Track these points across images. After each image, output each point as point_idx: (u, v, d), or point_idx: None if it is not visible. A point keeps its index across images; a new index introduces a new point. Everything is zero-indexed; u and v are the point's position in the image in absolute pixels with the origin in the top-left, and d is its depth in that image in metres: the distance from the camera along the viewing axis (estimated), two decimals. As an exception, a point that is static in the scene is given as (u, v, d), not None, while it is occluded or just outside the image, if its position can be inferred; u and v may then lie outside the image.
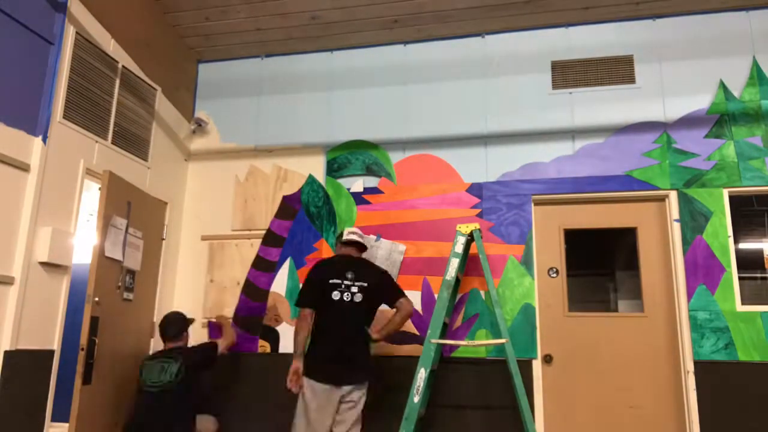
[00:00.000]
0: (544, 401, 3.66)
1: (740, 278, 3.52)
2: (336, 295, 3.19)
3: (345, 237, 3.41)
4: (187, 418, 3.41)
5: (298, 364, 3.12)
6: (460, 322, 3.82)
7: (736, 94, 3.76)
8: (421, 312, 3.87)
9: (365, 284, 3.24)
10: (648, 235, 3.80)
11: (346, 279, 3.23)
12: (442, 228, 3.97)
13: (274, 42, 4.46)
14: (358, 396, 3.18)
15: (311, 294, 3.22)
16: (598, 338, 3.71)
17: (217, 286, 4.28)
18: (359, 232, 3.48)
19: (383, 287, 3.31)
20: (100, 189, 3.49)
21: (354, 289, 3.21)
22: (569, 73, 4.05)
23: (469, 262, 3.84)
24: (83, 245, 5.85)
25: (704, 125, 3.76)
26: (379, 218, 4.09)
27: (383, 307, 3.33)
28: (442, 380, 3.74)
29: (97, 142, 3.54)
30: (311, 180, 4.30)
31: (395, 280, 3.51)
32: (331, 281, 3.21)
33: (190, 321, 3.77)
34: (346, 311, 3.18)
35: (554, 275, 3.86)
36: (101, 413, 3.39)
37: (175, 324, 3.63)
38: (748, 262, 3.56)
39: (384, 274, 3.41)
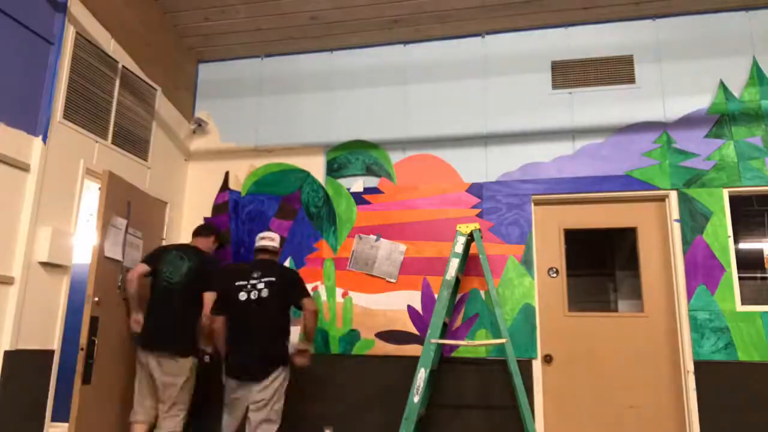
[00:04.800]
0: (544, 401, 3.66)
1: (740, 278, 3.52)
2: (243, 296, 3.28)
3: (256, 244, 3.50)
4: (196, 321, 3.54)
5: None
6: (460, 322, 3.82)
7: (736, 94, 3.76)
8: (421, 312, 3.87)
9: (272, 279, 3.31)
10: (648, 235, 3.80)
11: (252, 278, 3.32)
12: (442, 228, 3.97)
13: (274, 42, 4.46)
14: (269, 394, 3.18)
15: (221, 303, 3.37)
16: (598, 338, 3.71)
17: (217, 286, 4.27)
18: (270, 235, 3.52)
19: (292, 283, 3.38)
20: (100, 189, 3.49)
21: (260, 286, 3.29)
22: (569, 73, 4.05)
23: (469, 262, 3.84)
24: (83, 245, 5.84)
25: (704, 125, 3.76)
26: (379, 218, 4.09)
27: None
28: (442, 380, 3.74)
29: (97, 142, 3.54)
30: (311, 180, 4.30)
31: (305, 283, 3.49)
32: (236, 284, 3.32)
33: (225, 241, 4.04)
34: (252, 311, 3.26)
35: (554, 275, 3.86)
36: (101, 413, 3.39)
37: (210, 228, 3.91)
38: (748, 262, 3.56)
39: (294, 272, 3.51)
